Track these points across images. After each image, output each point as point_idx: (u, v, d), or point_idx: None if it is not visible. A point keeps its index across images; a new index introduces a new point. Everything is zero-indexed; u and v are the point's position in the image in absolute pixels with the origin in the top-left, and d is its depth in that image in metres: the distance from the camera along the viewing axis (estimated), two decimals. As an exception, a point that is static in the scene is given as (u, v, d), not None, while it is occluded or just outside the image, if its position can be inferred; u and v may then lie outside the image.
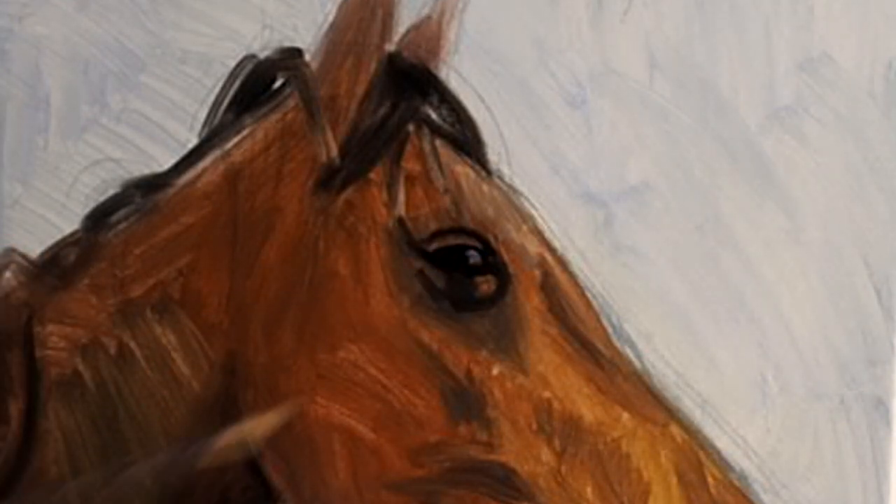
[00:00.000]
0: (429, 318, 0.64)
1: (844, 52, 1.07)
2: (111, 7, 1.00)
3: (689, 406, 0.87)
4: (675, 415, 0.66)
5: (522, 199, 0.71)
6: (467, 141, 0.70)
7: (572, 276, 0.69)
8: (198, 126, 0.72)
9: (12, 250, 0.70)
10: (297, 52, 0.71)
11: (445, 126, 0.70)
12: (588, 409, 0.64)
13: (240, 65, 0.72)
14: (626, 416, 0.64)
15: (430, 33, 0.70)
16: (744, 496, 0.65)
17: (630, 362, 0.68)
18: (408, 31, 0.70)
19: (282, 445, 0.64)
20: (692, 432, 0.66)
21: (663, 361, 1.00)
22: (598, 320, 0.68)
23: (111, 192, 0.70)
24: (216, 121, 0.71)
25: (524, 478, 0.62)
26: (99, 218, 0.69)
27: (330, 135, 0.67)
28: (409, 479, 0.62)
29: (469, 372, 0.63)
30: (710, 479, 0.64)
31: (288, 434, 0.64)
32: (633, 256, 1.04)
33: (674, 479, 0.63)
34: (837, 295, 1.06)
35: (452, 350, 0.63)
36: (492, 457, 0.62)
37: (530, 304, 0.66)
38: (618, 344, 0.68)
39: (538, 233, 0.69)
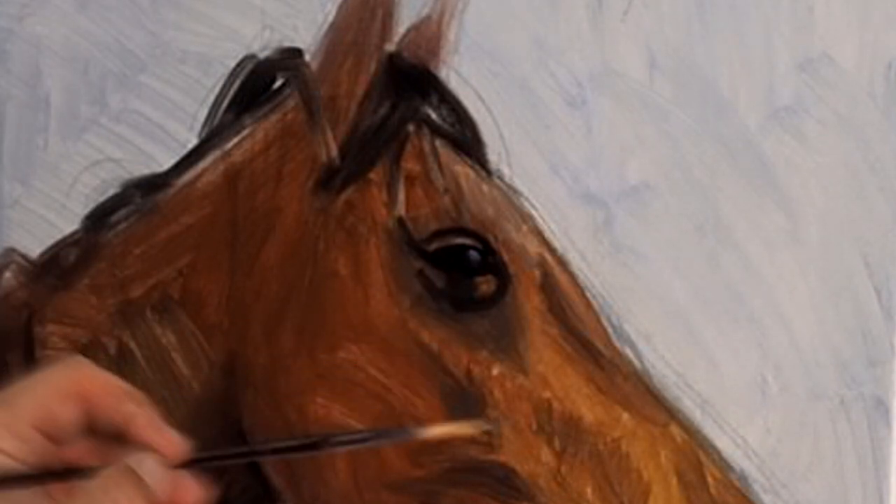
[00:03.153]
0: (429, 318, 0.64)
1: (844, 52, 1.07)
2: (111, 7, 1.00)
3: (689, 406, 0.87)
4: (675, 415, 0.66)
5: (522, 199, 0.71)
6: (467, 141, 0.70)
7: (572, 276, 0.69)
8: (198, 126, 0.72)
9: (12, 250, 0.70)
10: (297, 52, 0.71)
11: (445, 126, 0.70)
12: (588, 409, 0.64)
13: (240, 65, 0.71)
14: (626, 416, 0.64)
15: (430, 33, 0.70)
16: (744, 496, 0.65)
17: (630, 362, 0.68)
18: (408, 31, 0.70)
19: (282, 445, 0.64)
20: (692, 432, 0.66)
21: (663, 361, 1.00)
22: (598, 320, 0.68)
23: (111, 192, 0.70)
24: (216, 121, 0.71)
25: (524, 478, 0.62)
26: (99, 218, 0.69)
27: (330, 135, 0.67)
28: (409, 479, 0.62)
29: (469, 372, 0.63)
30: (710, 479, 0.64)
31: (288, 434, 0.64)
32: (633, 256, 1.04)
33: (674, 479, 0.63)
34: (837, 295, 1.06)
35: (452, 350, 0.63)
36: (492, 457, 0.62)
37: (530, 304, 0.66)
38: (618, 344, 0.68)
39: (538, 233, 0.69)
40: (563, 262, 0.69)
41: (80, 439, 0.54)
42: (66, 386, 0.53)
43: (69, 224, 0.72)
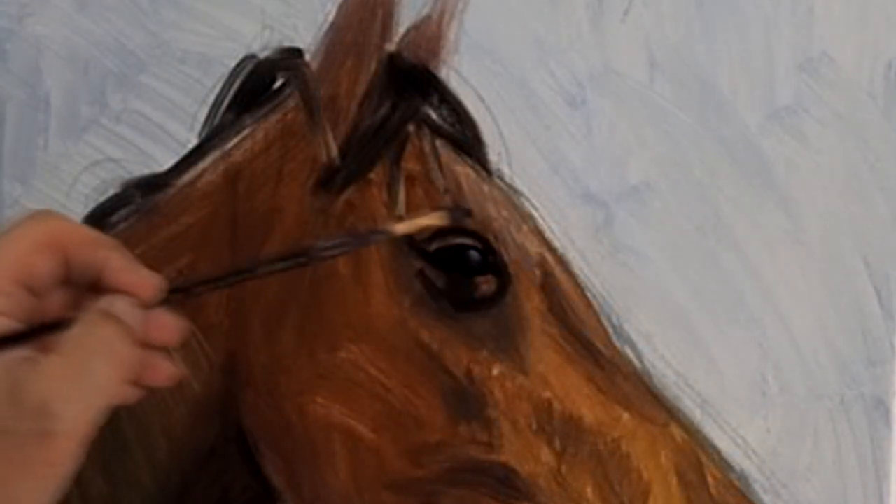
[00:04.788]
0: (429, 318, 0.64)
1: (844, 52, 1.07)
2: (111, 7, 1.01)
3: (689, 406, 0.87)
4: (675, 415, 0.66)
5: (522, 199, 0.71)
6: (467, 141, 0.70)
7: (572, 276, 0.69)
8: (198, 126, 0.72)
9: (12, 250, 0.70)
10: (297, 52, 0.71)
11: (445, 126, 0.70)
12: (588, 409, 0.64)
13: (240, 65, 0.71)
14: (626, 416, 0.64)
15: (430, 33, 0.70)
16: (744, 496, 0.65)
17: (630, 362, 0.68)
18: (408, 31, 0.70)
19: (282, 445, 0.64)
20: (692, 432, 0.66)
21: (663, 361, 1.00)
22: (599, 320, 0.68)
23: (111, 192, 0.70)
24: (216, 121, 0.71)
25: (524, 478, 0.62)
26: (99, 218, 0.69)
27: (330, 135, 0.67)
28: (409, 479, 0.62)
29: (469, 372, 0.63)
30: (710, 479, 0.64)
31: (288, 434, 0.64)
32: (633, 256, 1.04)
33: (674, 479, 0.63)
34: (837, 295, 1.06)
35: (452, 350, 0.63)
36: (492, 457, 0.62)
37: (530, 304, 0.66)
38: (618, 344, 0.68)
39: (538, 233, 0.69)
40: (563, 262, 0.69)
41: (59, 291, 0.55)
42: (42, 237, 0.54)
43: (69, 224, 0.71)
